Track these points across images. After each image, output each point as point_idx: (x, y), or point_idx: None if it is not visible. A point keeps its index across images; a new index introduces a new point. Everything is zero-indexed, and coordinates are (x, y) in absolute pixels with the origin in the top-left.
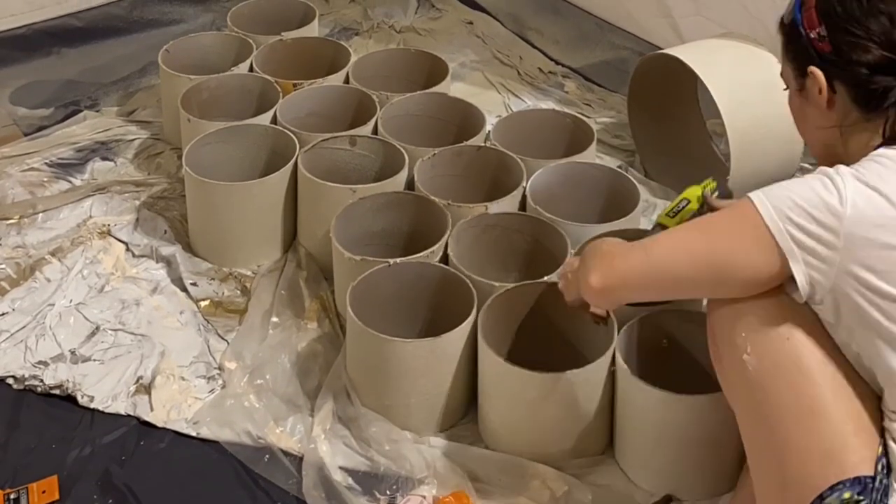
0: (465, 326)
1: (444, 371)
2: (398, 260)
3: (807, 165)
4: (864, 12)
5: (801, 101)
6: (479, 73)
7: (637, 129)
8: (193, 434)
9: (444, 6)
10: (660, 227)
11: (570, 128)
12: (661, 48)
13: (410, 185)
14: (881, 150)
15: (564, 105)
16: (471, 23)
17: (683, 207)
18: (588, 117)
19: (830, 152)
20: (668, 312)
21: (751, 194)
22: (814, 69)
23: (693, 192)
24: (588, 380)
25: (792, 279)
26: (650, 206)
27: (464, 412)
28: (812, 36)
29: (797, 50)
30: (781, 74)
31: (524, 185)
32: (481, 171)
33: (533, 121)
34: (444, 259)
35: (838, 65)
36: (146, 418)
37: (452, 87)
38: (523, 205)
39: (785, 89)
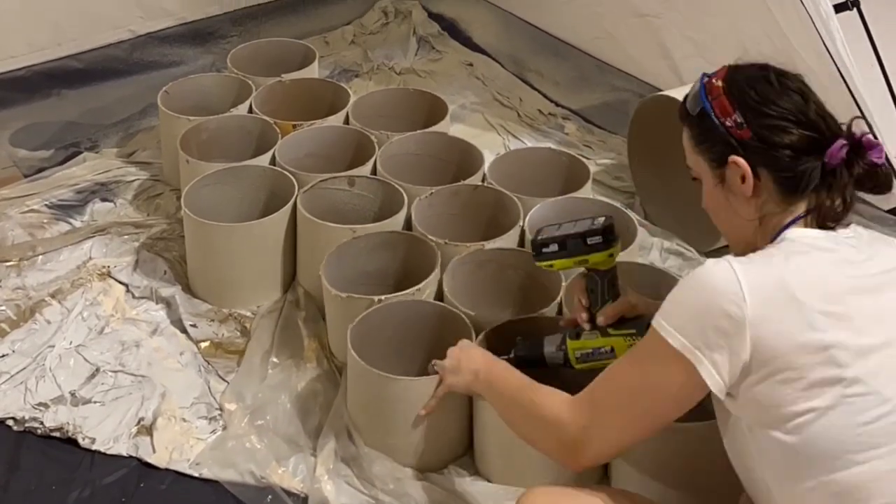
0: None
1: (447, 407)
2: (384, 297)
3: None
4: (777, 93)
5: (722, 193)
6: (479, 114)
7: (637, 171)
8: (196, 475)
9: (444, 48)
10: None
11: (566, 166)
12: (661, 90)
13: (409, 223)
14: (790, 233)
15: (564, 146)
16: (471, 64)
17: (603, 355)
18: (588, 159)
19: (746, 239)
20: None
21: (654, 323)
22: (736, 158)
23: (619, 344)
24: None
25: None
26: (648, 246)
27: (468, 446)
28: (728, 124)
29: (712, 140)
30: (689, 166)
31: (521, 223)
32: (478, 210)
33: (529, 159)
34: (440, 296)
35: (760, 151)
36: (148, 460)
37: (453, 129)
38: (521, 243)
39: (694, 179)
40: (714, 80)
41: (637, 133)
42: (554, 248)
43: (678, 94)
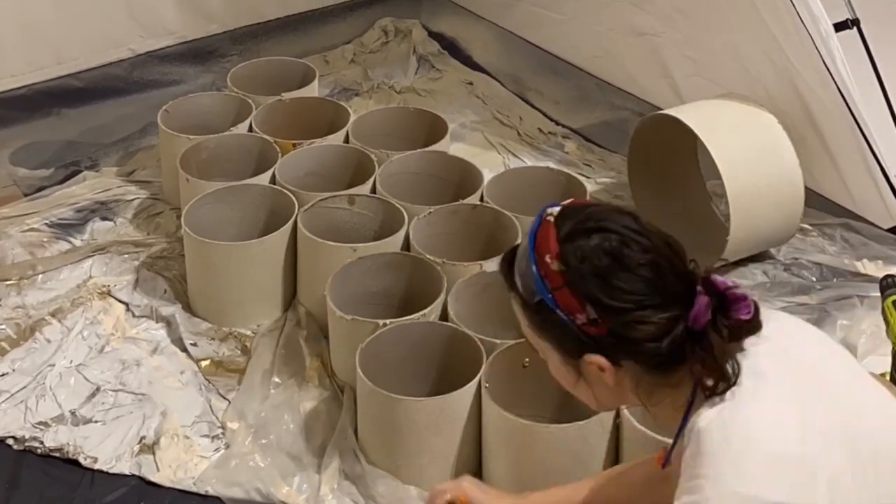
0: (475, 383)
1: (455, 428)
2: (389, 321)
3: (807, 226)
4: (626, 275)
5: (573, 379)
6: (479, 133)
7: (637, 189)
8: (198, 493)
9: (444, 67)
10: None
11: (564, 185)
12: (661, 108)
13: (408, 242)
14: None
15: (564, 165)
16: (471, 83)
17: None
18: (588, 177)
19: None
20: None
21: None
22: (591, 357)
23: None
24: (593, 432)
25: None
26: None
27: (476, 469)
28: (579, 322)
29: (559, 332)
30: (529, 343)
31: (519, 242)
32: (477, 229)
33: (526, 178)
34: (444, 318)
35: (619, 346)
36: (152, 478)
37: (453, 148)
38: None
39: (535, 351)
40: (549, 261)
41: (637, 151)
42: None
43: (678, 112)
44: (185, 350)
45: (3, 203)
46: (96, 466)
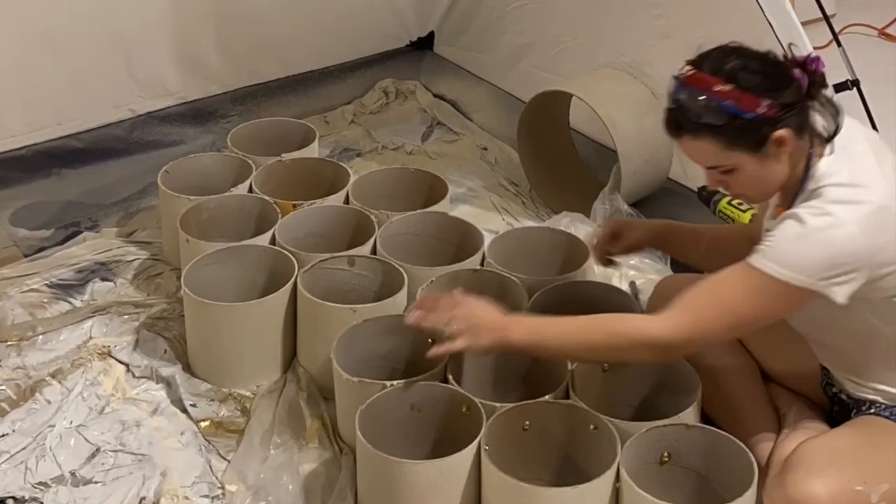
0: (474, 446)
1: (455, 491)
2: (395, 382)
3: None
4: (771, 69)
5: (763, 167)
6: (484, 199)
7: (528, 165)
8: None
9: (462, 130)
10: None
11: (564, 245)
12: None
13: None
14: (829, 169)
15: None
16: (485, 149)
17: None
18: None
19: (778, 188)
20: (667, 427)
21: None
22: (779, 133)
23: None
24: (593, 495)
25: None
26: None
27: None
28: (762, 112)
29: (747, 133)
30: (713, 166)
31: (527, 306)
32: (481, 294)
33: (528, 239)
34: (443, 380)
35: (786, 115)
36: None
37: (457, 211)
38: None
39: (723, 171)
40: (719, 88)
41: (525, 135)
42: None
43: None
44: (185, 411)
45: (3, 264)
46: None
